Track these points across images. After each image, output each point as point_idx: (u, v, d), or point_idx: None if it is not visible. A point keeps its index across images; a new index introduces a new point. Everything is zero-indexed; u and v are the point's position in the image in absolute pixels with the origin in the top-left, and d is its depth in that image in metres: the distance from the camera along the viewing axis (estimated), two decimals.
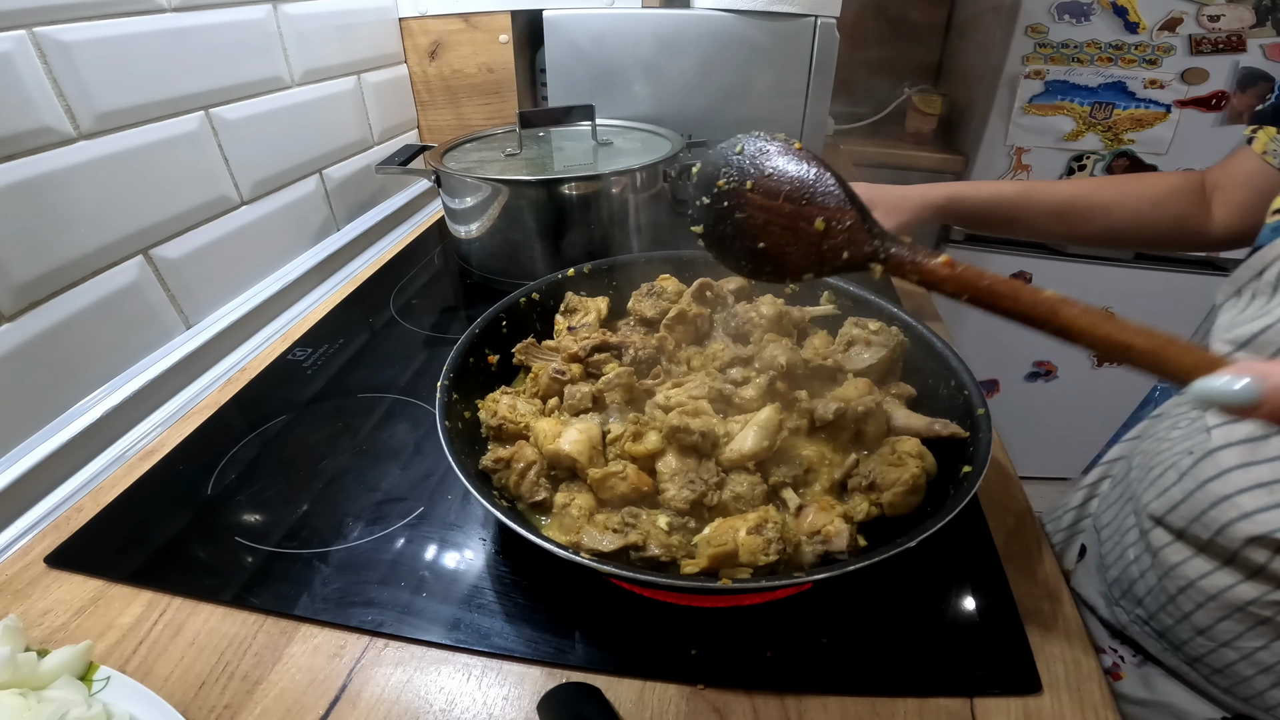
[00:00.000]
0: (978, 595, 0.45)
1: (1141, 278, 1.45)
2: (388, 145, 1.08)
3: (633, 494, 0.45)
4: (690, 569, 0.40)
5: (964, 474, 0.42)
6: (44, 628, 0.44)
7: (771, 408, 0.46)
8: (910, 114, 1.53)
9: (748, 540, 0.40)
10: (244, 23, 0.76)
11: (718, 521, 0.43)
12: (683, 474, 0.45)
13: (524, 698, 0.39)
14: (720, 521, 0.43)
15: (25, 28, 0.54)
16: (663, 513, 0.44)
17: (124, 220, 0.64)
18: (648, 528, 0.42)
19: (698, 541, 0.43)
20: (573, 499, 0.46)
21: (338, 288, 0.89)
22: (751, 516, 0.41)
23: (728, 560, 0.39)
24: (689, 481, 0.44)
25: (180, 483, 0.56)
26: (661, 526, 0.43)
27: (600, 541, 0.41)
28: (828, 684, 0.40)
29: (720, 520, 0.43)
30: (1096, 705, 0.39)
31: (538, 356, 0.58)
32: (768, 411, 0.46)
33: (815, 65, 0.93)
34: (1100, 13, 1.21)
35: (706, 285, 0.62)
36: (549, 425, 0.49)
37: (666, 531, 0.42)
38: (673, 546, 0.41)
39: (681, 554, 0.42)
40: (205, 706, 0.39)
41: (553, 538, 0.42)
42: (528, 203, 0.79)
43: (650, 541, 0.41)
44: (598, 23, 0.96)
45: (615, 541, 0.41)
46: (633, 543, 0.41)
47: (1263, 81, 1.21)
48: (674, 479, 0.44)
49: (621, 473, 0.45)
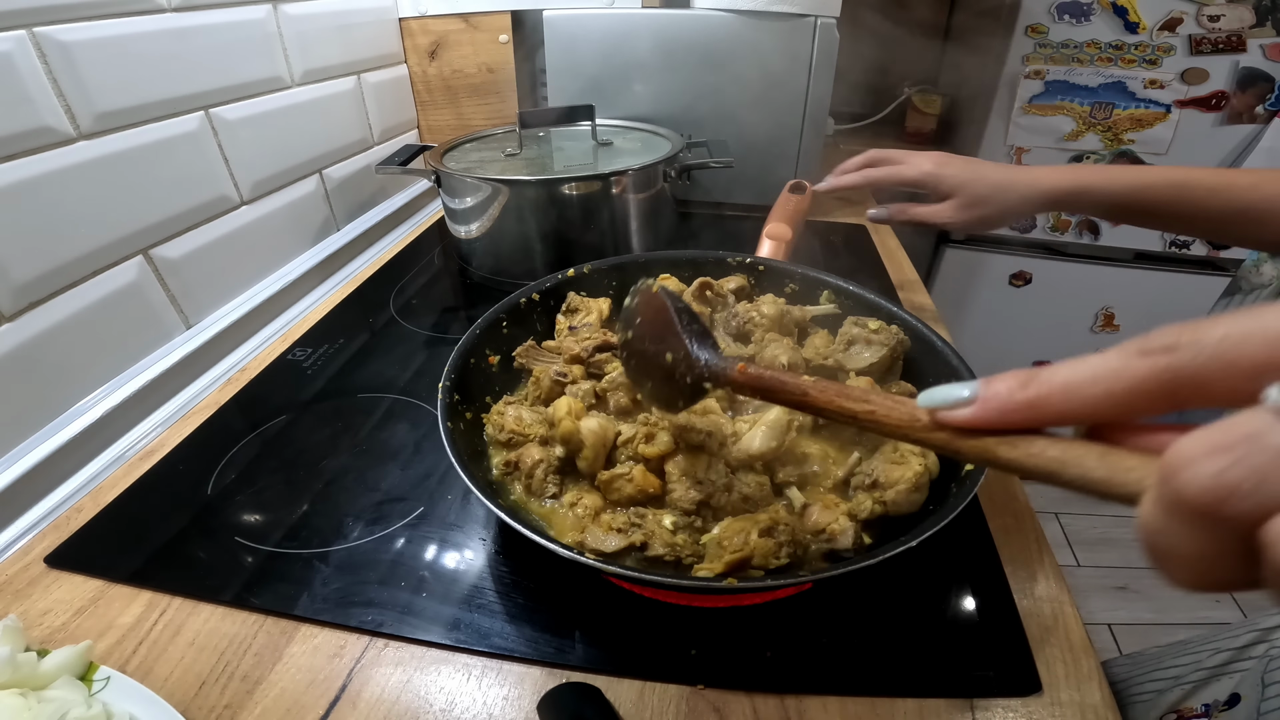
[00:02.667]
0: (978, 595, 0.45)
1: (1142, 278, 1.45)
2: (388, 145, 1.08)
3: (639, 495, 0.45)
4: (705, 572, 0.40)
5: (965, 472, 0.42)
6: (44, 628, 0.44)
7: (780, 408, 0.46)
8: (910, 114, 1.53)
9: (760, 543, 0.40)
10: (244, 23, 0.76)
11: (727, 521, 0.43)
12: (691, 474, 0.45)
13: (524, 698, 0.39)
14: (730, 521, 0.43)
15: (25, 28, 0.54)
16: (669, 512, 0.44)
17: (124, 220, 0.64)
18: (653, 527, 0.42)
19: (706, 541, 0.43)
20: (580, 498, 0.46)
21: (338, 288, 0.89)
22: (762, 518, 0.41)
23: (745, 565, 0.40)
24: (697, 482, 0.44)
25: (180, 483, 0.56)
26: (666, 526, 0.43)
27: (604, 542, 0.41)
28: (828, 684, 0.40)
29: (729, 520, 0.43)
30: (1096, 705, 0.39)
31: (539, 359, 0.58)
32: (776, 411, 0.46)
33: (815, 65, 0.93)
34: (1100, 13, 1.21)
35: (707, 285, 0.62)
36: (571, 403, 0.49)
37: (671, 531, 0.42)
38: (677, 546, 0.41)
39: (686, 553, 0.42)
40: (205, 706, 0.39)
41: (559, 537, 0.42)
42: (528, 203, 0.79)
43: (654, 541, 0.41)
44: (598, 23, 0.96)
45: (619, 542, 0.41)
46: (636, 543, 0.41)
47: (1263, 81, 1.21)
48: (682, 479, 0.45)
49: (628, 474, 0.45)
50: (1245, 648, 0.53)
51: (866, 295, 0.60)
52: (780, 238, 0.73)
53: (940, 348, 0.53)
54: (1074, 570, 1.69)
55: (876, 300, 0.59)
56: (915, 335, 0.55)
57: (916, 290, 0.88)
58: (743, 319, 0.59)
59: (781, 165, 1.02)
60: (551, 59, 1.00)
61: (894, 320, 0.56)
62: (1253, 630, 0.54)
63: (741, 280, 0.64)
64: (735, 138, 0.96)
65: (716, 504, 0.44)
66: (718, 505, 0.44)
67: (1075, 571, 1.69)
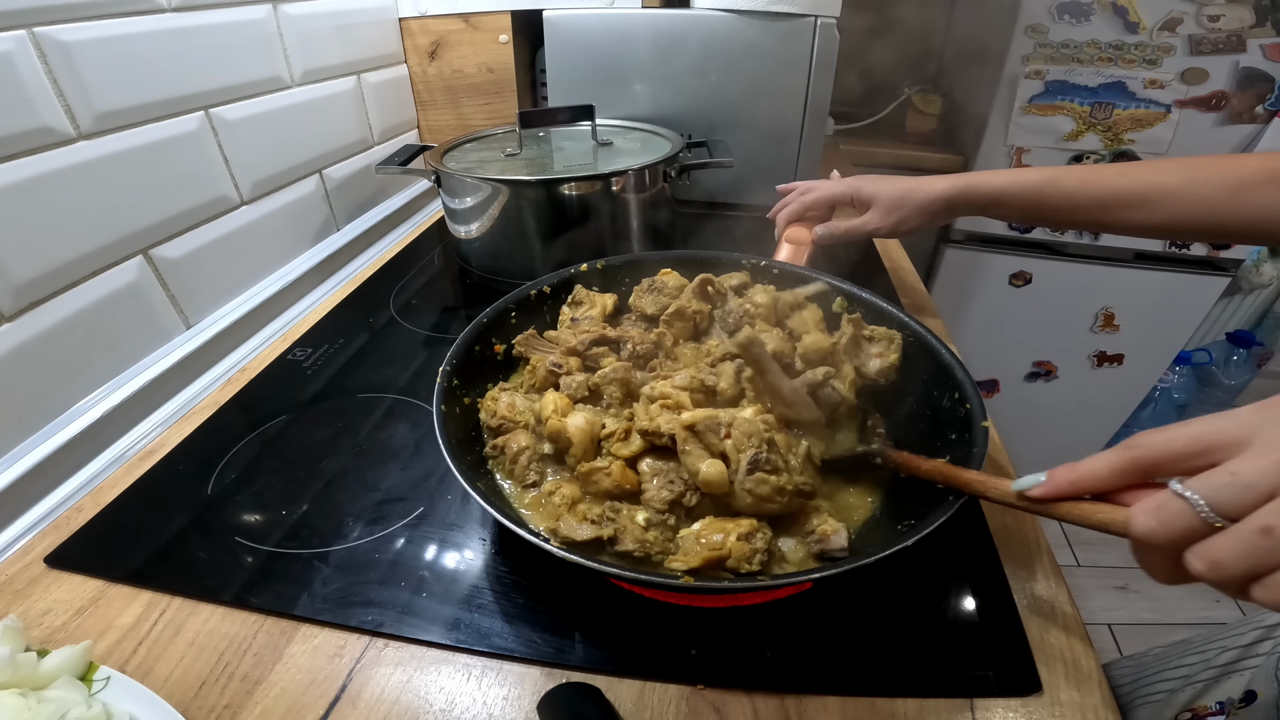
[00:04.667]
0: (978, 595, 0.45)
1: (1142, 278, 1.45)
2: (388, 145, 1.08)
3: (615, 490, 0.45)
4: (678, 565, 0.40)
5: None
6: (44, 628, 0.44)
7: (754, 408, 0.46)
8: (910, 114, 1.53)
9: (736, 546, 0.40)
10: (244, 23, 0.76)
11: (709, 520, 0.43)
12: (663, 474, 0.45)
13: (524, 698, 0.39)
14: (711, 520, 0.43)
15: (25, 28, 0.54)
16: (643, 509, 0.44)
17: (124, 220, 0.64)
18: (625, 522, 0.43)
19: (684, 535, 0.43)
20: (558, 488, 0.46)
21: (338, 288, 0.89)
22: (745, 523, 0.42)
23: (718, 563, 0.40)
24: (669, 481, 0.44)
25: (180, 483, 0.56)
26: (639, 522, 0.43)
27: (576, 530, 0.42)
28: (828, 684, 0.40)
29: (711, 519, 0.43)
30: (1097, 705, 0.39)
31: (537, 349, 0.58)
32: (749, 412, 0.46)
33: (815, 65, 0.93)
34: (1100, 13, 1.21)
35: (708, 281, 0.62)
36: (557, 399, 0.49)
37: (644, 527, 0.43)
38: (648, 542, 0.42)
39: (656, 550, 0.42)
40: (205, 706, 0.39)
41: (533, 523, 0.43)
42: (528, 203, 0.79)
43: (625, 536, 0.42)
44: (598, 23, 0.96)
45: (590, 532, 0.41)
46: (606, 536, 0.42)
47: (1263, 81, 1.21)
48: (654, 479, 0.45)
49: (606, 469, 0.45)
50: (1252, 645, 0.54)
51: (881, 304, 0.58)
52: (800, 241, 0.73)
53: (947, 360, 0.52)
54: (1074, 570, 1.69)
55: (894, 312, 0.57)
56: (918, 340, 0.54)
57: (916, 290, 0.88)
58: (738, 313, 0.59)
59: (781, 165, 1.02)
60: (551, 59, 1.00)
61: (894, 323, 0.56)
62: (1257, 628, 0.54)
63: (744, 276, 0.64)
64: (735, 138, 0.96)
65: (688, 504, 0.44)
66: (689, 505, 0.44)
67: (1075, 571, 1.69)
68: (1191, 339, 1.74)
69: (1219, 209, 0.55)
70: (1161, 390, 1.75)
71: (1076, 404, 1.66)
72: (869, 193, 0.72)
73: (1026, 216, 0.68)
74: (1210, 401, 1.89)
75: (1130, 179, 0.59)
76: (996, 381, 1.68)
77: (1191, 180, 0.57)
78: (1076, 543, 1.75)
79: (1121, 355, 1.58)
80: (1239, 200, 0.54)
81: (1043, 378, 1.65)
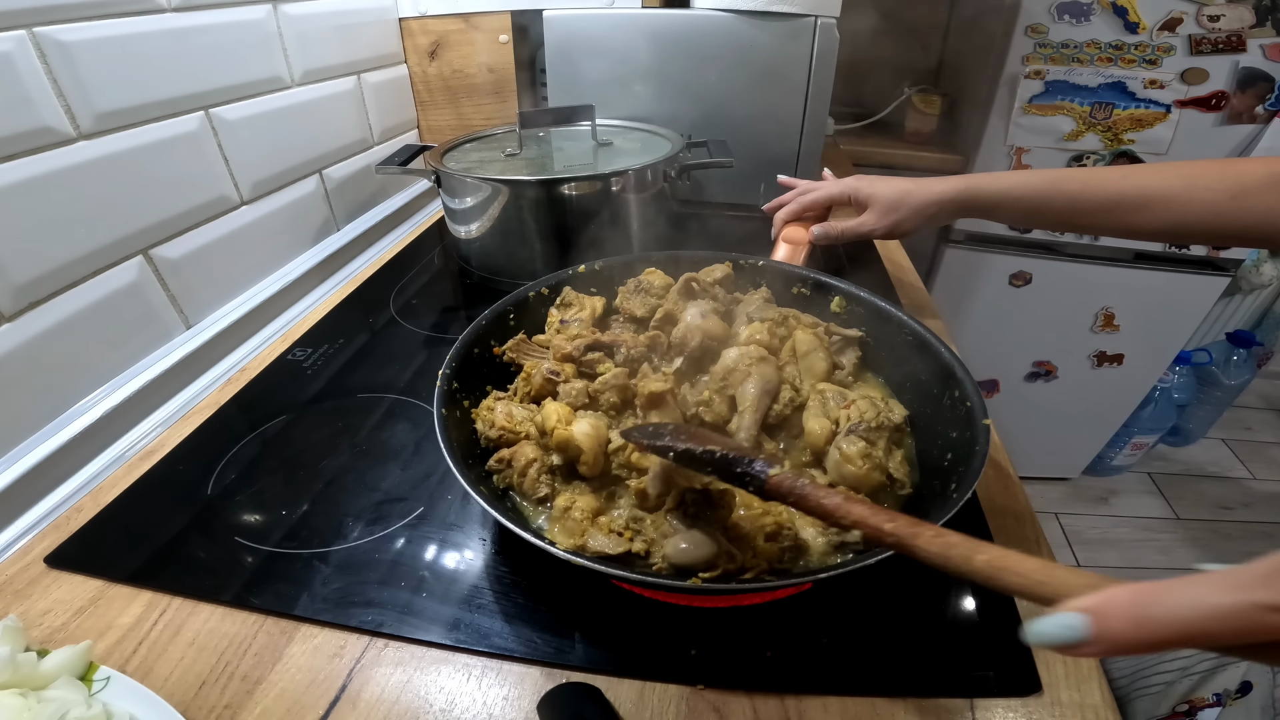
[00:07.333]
0: (978, 595, 0.45)
1: (1142, 278, 1.45)
2: (388, 145, 1.08)
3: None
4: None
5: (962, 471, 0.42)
6: (44, 628, 0.44)
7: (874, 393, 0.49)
8: (910, 114, 1.53)
9: (766, 548, 0.41)
10: (244, 23, 0.76)
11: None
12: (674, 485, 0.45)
13: (524, 698, 0.39)
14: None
15: (25, 28, 0.54)
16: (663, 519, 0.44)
17: (124, 220, 0.64)
18: (652, 534, 0.43)
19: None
20: (574, 501, 0.45)
21: (338, 288, 0.89)
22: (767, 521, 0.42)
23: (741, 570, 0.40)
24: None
25: (180, 483, 0.56)
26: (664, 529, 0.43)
27: (607, 545, 0.42)
28: (828, 684, 0.40)
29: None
30: (1097, 705, 0.39)
31: (529, 354, 0.58)
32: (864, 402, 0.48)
33: (815, 65, 0.93)
34: (1100, 13, 1.21)
35: (692, 279, 0.62)
36: (559, 410, 0.49)
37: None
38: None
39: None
40: (205, 706, 0.39)
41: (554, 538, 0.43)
42: (528, 203, 0.79)
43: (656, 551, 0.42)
44: (598, 23, 0.96)
45: (620, 545, 0.42)
46: (639, 551, 0.42)
47: (1263, 81, 1.21)
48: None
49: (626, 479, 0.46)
50: None
51: (879, 303, 0.59)
52: (797, 241, 0.73)
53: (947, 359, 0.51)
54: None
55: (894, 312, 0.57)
56: (918, 340, 0.54)
57: (916, 290, 0.88)
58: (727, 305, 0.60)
59: (781, 165, 1.02)
60: (551, 59, 1.00)
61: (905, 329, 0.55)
62: None
63: (726, 269, 0.64)
64: (735, 138, 0.96)
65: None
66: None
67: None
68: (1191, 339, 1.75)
69: (1221, 213, 0.55)
70: (1161, 390, 1.75)
71: (1076, 404, 1.66)
72: (867, 193, 0.72)
73: (1027, 220, 0.68)
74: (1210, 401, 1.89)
75: (1131, 183, 0.59)
76: (996, 381, 1.68)
77: (1193, 184, 0.56)
78: (1077, 543, 1.75)
79: (1121, 355, 1.58)
80: (1241, 204, 0.54)
81: (1043, 378, 1.65)
